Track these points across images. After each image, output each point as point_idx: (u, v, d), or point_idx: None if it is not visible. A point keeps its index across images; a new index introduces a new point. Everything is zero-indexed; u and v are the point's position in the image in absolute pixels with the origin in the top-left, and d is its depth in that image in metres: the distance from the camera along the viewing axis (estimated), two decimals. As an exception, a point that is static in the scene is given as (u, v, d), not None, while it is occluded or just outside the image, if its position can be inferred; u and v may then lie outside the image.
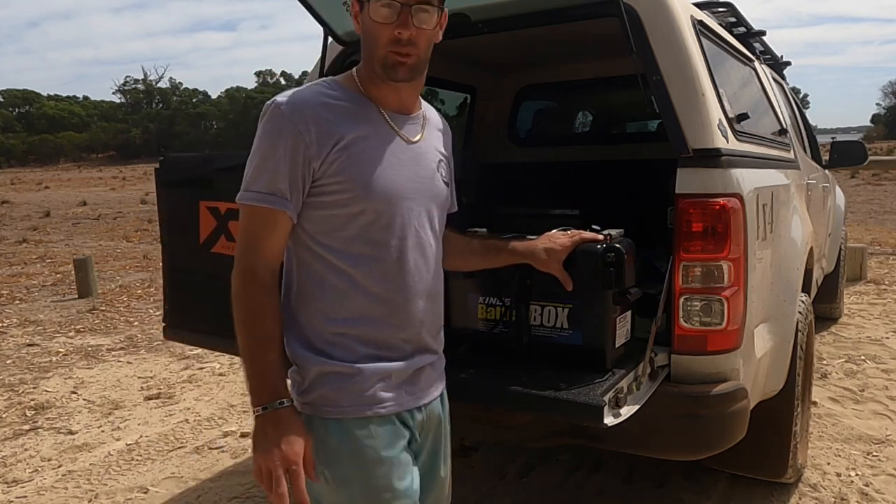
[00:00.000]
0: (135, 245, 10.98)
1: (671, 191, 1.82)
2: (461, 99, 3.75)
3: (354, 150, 1.25)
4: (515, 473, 2.91)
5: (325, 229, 1.28)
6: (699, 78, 1.92)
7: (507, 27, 2.20)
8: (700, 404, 1.82)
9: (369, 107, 1.31)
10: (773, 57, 4.10)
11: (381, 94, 1.32)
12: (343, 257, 1.28)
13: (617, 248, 1.78)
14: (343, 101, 1.29)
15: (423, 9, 1.26)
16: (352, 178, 1.25)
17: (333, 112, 1.26)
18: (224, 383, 4.27)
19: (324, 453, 1.27)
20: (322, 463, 1.27)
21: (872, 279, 6.61)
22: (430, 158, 1.39)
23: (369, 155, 1.27)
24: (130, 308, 6.48)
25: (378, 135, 1.30)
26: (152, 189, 2.91)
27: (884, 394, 3.72)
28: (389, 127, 1.32)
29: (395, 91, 1.32)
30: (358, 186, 1.25)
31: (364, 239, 1.28)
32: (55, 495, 2.90)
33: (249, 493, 2.85)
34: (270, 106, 1.26)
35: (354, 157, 1.25)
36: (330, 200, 1.26)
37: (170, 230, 2.47)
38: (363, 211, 1.26)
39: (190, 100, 76.71)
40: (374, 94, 1.32)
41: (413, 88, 1.36)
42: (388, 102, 1.33)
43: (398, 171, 1.30)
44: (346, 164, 1.24)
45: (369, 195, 1.26)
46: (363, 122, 1.29)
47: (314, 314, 1.30)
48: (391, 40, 1.25)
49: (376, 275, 1.29)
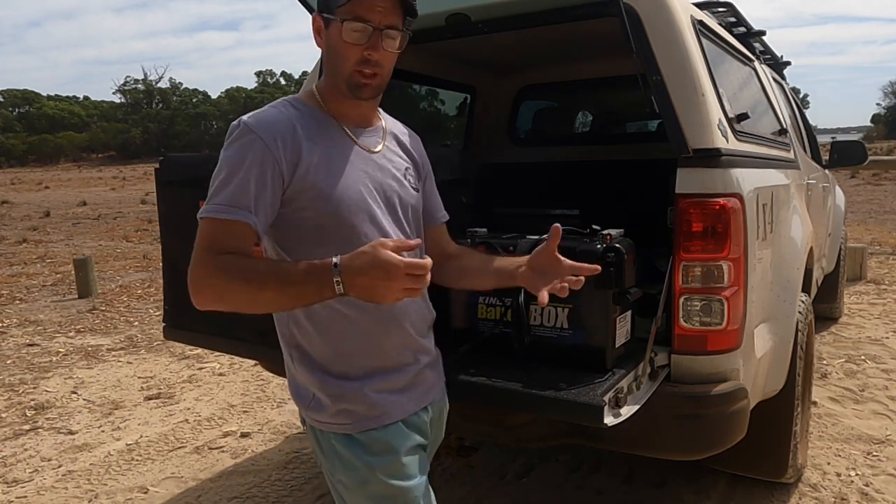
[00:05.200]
0: (135, 245, 10.98)
1: (671, 191, 1.83)
2: (461, 99, 3.75)
3: (320, 166, 1.28)
4: (515, 473, 2.91)
5: (302, 246, 1.29)
6: (699, 78, 1.92)
7: (507, 27, 2.21)
8: (700, 404, 1.82)
9: (331, 123, 1.35)
10: (773, 57, 4.11)
11: (343, 110, 1.36)
12: None
13: (617, 248, 1.78)
14: (306, 117, 1.32)
15: (391, 34, 1.28)
16: (318, 192, 1.27)
17: (299, 129, 1.28)
18: (224, 383, 4.28)
19: (339, 462, 1.32)
20: (339, 472, 1.33)
21: (872, 279, 6.61)
22: (393, 166, 1.41)
23: (334, 170, 1.30)
24: (130, 308, 6.48)
25: (341, 149, 1.33)
26: (152, 189, 2.92)
27: (884, 394, 3.72)
28: (351, 140, 1.35)
29: (356, 107, 1.36)
30: (324, 199, 1.27)
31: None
32: (55, 495, 2.90)
33: (249, 493, 2.85)
34: (237, 126, 1.27)
35: (320, 171, 1.28)
36: (303, 216, 1.28)
37: (170, 230, 2.47)
38: (334, 224, 1.28)
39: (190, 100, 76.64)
40: (335, 110, 1.36)
41: (373, 104, 1.40)
42: (348, 117, 1.37)
43: (362, 181, 1.32)
44: (312, 179, 1.27)
45: (336, 207, 1.28)
46: (326, 137, 1.32)
47: (308, 334, 1.33)
48: (359, 61, 1.28)
49: None
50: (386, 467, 1.31)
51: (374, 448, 1.31)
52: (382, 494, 1.31)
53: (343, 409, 1.31)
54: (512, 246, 1.91)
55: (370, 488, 1.31)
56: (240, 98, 72.89)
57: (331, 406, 1.32)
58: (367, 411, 1.32)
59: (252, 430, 3.52)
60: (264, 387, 4.16)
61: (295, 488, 2.88)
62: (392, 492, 1.31)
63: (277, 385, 4.14)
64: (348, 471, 1.32)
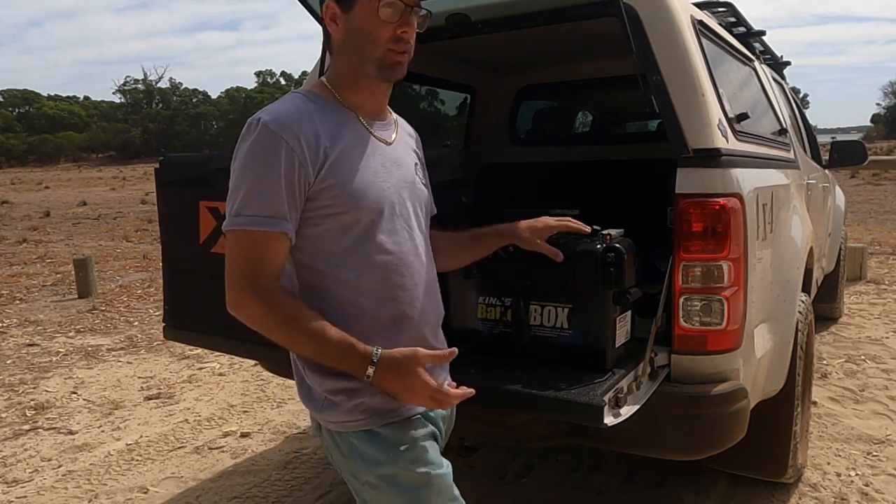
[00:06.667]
0: (135, 245, 10.98)
1: (671, 191, 1.82)
2: (461, 99, 3.75)
3: (342, 161, 1.25)
4: (515, 473, 2.91)
5: (323, 245, 1.26)
6: (699, 78, 1.92)
7: (507, 27, 2.20)
8: (700, 404, 1.82)
9: (349, 115, 1.32)
10: (773, 57, 4.11)
11: (359, 101, 1.34)
12: (345, 270, 1.27)
13: (617, 248, 1.78)
14: (325, 111, 1.29)
15: (418, 11, 1.31)
16: (343, 189, 1.25)
17: (318, 125, 1.25)
18: (224, 383, 4.28)
19: (362, 462, 1.29)
20: (364, 472, 1.29)
21: (872, 279, 6.61)
22: (408, 162, 1.41)
23: (356, 164, 1.28)
24: (130, 308, 6.48)
25: (361, 143, 1.31)
26: (152, 189, 2.92)
27: (884, 394, 3.72)
28: (370, 133, 1.34)
29: (372, 97, 1.35)
30: (349, 196, 1.25)
31: (362, 248, 1.27)
32: (55, 495, 2.90)
33: (249, 493, 2.85)
34: (256, 125, 1.22)
35: (342, 168, 1.25)
36: (324, 214, 1.25)
37: (170, 230, 2.47)
38: (357, 220, 1.26)
39: (190, 100, 76.61)
40: (351, 101, 1.33)
41: (386, 93, 1.39)
42: (364, 109, 1.35)
43: (384, 177, 1.31)
44: (336, 176, 1.24)
45: (360, 204, 1.26)
46: (346, 130, 1.29)
47: None
48: (392, 38, 1.28)
49: (380, 281, 1.29)
50: (412, 456, 1.29)
51: (397, 439, 1.29)
52: (415, 483, 1.28)
53: (360, 405, 1.28)
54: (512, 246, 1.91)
55: (401, 480, 1.28)
56: (240, 98, 72.83)
57: (346, 402, 1.28)
58: (385, 404, 1.29)
59: (252, 430, 3.52)
60: (264, 387, 4.16)
61: (295, 488, 2.88)
62: (423, 479, 1.29)
63: (277, 385, 4.14)
64: (375, 468, 1.28)
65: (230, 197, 1.23)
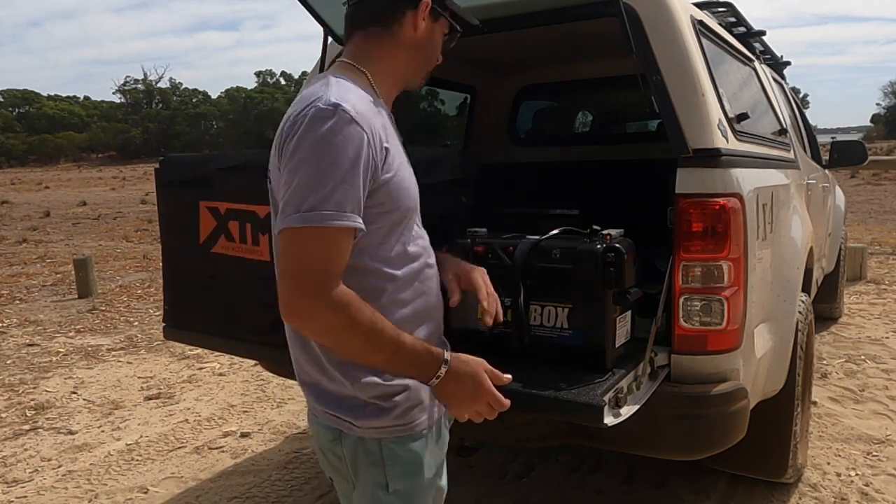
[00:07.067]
0: (135, 245, 10.98)
1: (671, 191, 1.82)
2: (461, 99, 3.75)
3: (393, 158, 1.22)
4: (515, 473, 2.91)
5: (370, 240, 1.20)
6: (699, 78, 1.92)
7: (507, 27, 2.20)
8: (700, 404, 1.82)
9: (387, 112, 1.30)
10: (773, 57, 4.11)
11: (389, 97, 1.34)
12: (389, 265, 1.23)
13: (617, 248, 1.78)
14: (377, 104, 1.24)
15: None
16: (398, 186, 1.21)
17: (379, 120, 1.21)
18: (224, 383, 4.28)
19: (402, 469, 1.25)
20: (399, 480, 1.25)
21: (872, 279, 6.61)
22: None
23: (402, 161, 1.26)
24: (130, 308, 6.48)
25: (398, 141, 1.29)
26: (152, 189, 2.92)
27: (884, 394, 3.72)
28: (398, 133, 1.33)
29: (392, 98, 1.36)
30: (402, 191, 1.23)
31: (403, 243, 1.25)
32: (55, 495, 2.90)
33: (249, 493, 2.85)
34: (333, 111, 1.11)
35: (394, 164, 1.21)
36: (379, 211, 1.19)
37: (170, 230, 2.47)
38: (404, 217, 1.25)
39: (190, 100, 76.58)
40: (384, 96, 1.31)
41: None
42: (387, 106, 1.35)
43: (412, 176, 1.31)
44: (392, 171, 1.20)
45: (407, 201, 1.25)
46: (391, 128, 1.27)
47: None
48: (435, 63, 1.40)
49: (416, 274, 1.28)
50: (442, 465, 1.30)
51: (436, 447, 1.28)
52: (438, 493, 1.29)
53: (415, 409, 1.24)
54: (512, 246, 1.91)
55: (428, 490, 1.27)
56: (240, 98, 72.73)
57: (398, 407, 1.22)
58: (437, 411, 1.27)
59: (252, 430, 3.52)
60: (264, 387, 4.16)
61: (295, 488, 2.88)
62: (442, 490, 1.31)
63: (277, 385, 4.14)
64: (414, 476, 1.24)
65: (297, 189, 1.09)
